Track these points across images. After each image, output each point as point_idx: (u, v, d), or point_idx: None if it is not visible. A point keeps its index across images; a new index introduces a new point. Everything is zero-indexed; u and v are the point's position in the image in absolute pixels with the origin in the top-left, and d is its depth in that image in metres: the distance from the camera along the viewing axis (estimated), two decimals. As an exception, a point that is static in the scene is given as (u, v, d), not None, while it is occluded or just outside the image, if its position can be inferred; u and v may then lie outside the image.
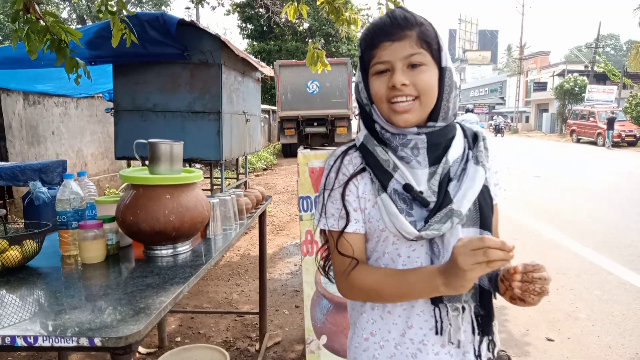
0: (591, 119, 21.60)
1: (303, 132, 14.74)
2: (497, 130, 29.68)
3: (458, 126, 1.04)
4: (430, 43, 0.94)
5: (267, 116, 17.51)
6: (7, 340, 0.97)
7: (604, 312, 3.43)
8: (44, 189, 4.74)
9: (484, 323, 0.99)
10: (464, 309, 0.97)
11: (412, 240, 0.95)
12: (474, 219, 0.98)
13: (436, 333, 0.98)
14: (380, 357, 1.02)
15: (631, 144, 19.85)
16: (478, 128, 1.07)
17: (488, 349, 1.00)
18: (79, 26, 6.98)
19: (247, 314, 3.36)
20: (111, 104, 6.39)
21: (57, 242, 1.64)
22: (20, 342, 0.97)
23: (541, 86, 36.62)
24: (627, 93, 24.89)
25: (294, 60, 16.48)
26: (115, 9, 2.68)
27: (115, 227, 1.56)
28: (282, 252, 5.02)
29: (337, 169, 1.03)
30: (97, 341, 0.96)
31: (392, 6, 4.01)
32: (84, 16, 28.36)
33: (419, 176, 0.98)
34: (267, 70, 6.13)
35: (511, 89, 43.47)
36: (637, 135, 19.99)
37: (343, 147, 1.07)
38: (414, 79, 0.93)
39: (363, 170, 1.01)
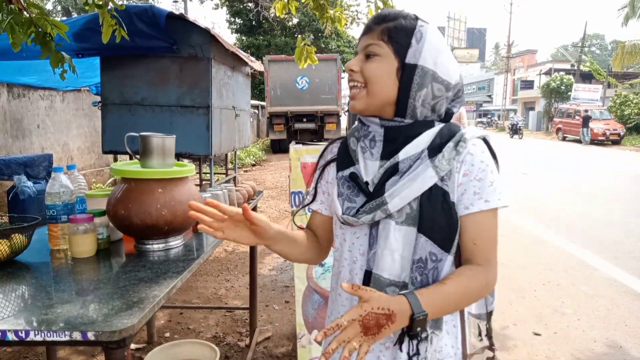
0: (577, 117, 21.88)
1: (292, 128, 14.71)
2: (515, 131, 25.49)
3: (438, 126, 0.99)
4: (393, 37, 0.96)
5: (256, 111, 17.43)
6: (-2, 335, 0.95)
7: (590, 307, 3.48)
8: (29, 183, 4.66)
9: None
10: None
11: (343, 223, 1.03)
12: (413, 219, 0.95)
13: None
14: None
15: (615, 142, 20.17)
16: (465, 131, 0.98)
17: (410, 353, 0.95)
18: (65, 18, 6.87)
19: (237, 309, 3.35)
20: (98, 98, 6.31)
21: (45, 237, 1.61)
22: (11, 337, 0.95)
23: (528, 84, 37.02)
24: (612, 92, 25.26)
25: (283, 56, 16.42)
26: (102, 2, 2.64)
27: (106, 221, 1.54)
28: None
29: (321, 155, 1.18)
30: (91, 335, 0.95)
31: (380, 4, 4.01)
32: (70, 8, 27.90)
33: (369, 168, 1.01)
34: (257, 65, 6.10)
35: (498, 87, 43.83)
36: (621, 133, 20.32)
37: (336, 138, 1.18)
38: (364, 67, 0.98)
39: (334, 159, 1.11)
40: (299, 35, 9.49)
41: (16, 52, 2.80)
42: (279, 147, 15.67)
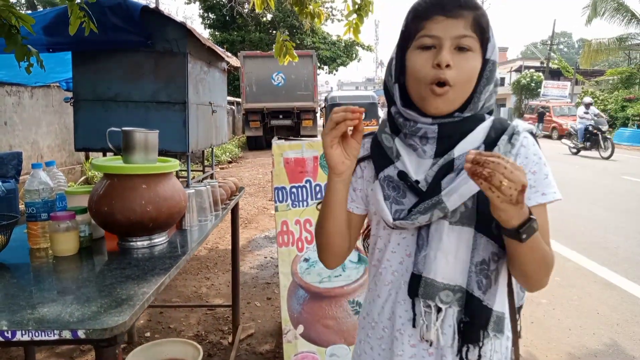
0: (546, 113, 22.46)
1: (268, 125, 14.63)
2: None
3: (489, 119, 0.95)
4: (484, 30, 0.89)
5: (233, 107, 17.27)
6: (-18, 336, 0.92)
7: (564, 297, 3.59)
8: (-2, 182, 4.50)
9: (466, 330, 0.92)
10: (439, 309, 0.91)
11: (392, 228, 0.95)
12: (469, 218, 0.90)
13: (413, 326, 0.95)
14: (372, 336, 1.04)
15: (583, 137, 20.79)
16: (517, 124, 0.96)
17: (468, 357, 0.92)
18: (32, 11, 6.65)
19: (219, 306, 3.32)
20: (69, 94, 6.13)
21: (22, 236, 1.57)
22: (-4, 337, 0.92)
23: (499, 81, 37.76)
24: (580, 89, 26.04)
25: (258, 52, 16.31)
26: (73, -5, 2.56)
27: (88, 219, 1.51)
28: (252, 245, 4.99)
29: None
30: (81, 333, 0.93)
31: (358, 0, 4.02)
32: (35, 1, 26.99)
33: (421, 165, 0.94)
34: (234, 61, 6.04)
35: (471, 83, 44.61)
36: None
37: (366, 133, 1.07)
38: (459, 63, 0.87)
39: (369, 156, 1.03)
40: (277, 31, 9.42)
41: (-21, 46, 2.68)
42: (255, 144, 15.56)
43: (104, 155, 6.19)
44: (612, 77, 23.29)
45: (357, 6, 3.83)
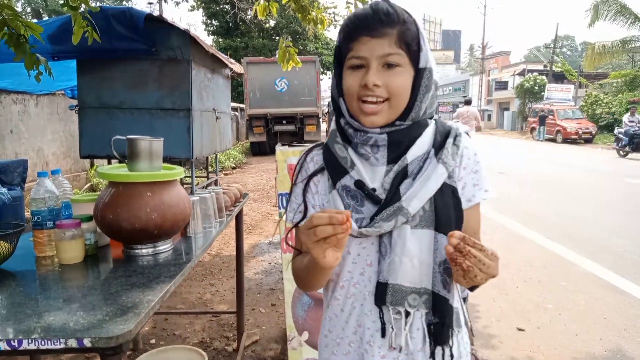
0: (550, 117, 22.41)
1: (272, 131, 14.66)
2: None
3: (432, 123, 1.00)
4: (410, 44, 0.91)
5: (237, 114, 17.32)
6: (-11, 345, 0.92)
7: (570, 302, 3.57)
8: (4, 190, 4.54)
9: (437, 332, 0.94)
10: (407, 313, 0.93)
11: (356, 236, 0.95)
12: (429, 220, 0.93)
13: (382, 336, 0.95)
14: (337, 353, 1.03)
15: (588, 141, 20.71)
16: (455, 126, 1.02)
17: (443, 358, 0.95)
18: (40, 20, 6.69)
19: (224, 313, 3.32)
20: (74, 101, 6.16)
21: (28, 244, 1.57)
22: (2, 346, 0.92)
23: (502, 85, 37.73)
24: (583, 92, 25.97)
25: (261, 58, 16.36)
26: (76, 4, 2.59)
27: (93, 227, 1.51)
28: (256, 251, 4.99)
29: (301, 166, 1.06)
30: (87, 342, 0.93)
31: (360, 5, 4.04)
32: (40, 10, 27.25)
33: (375, 173, 0.96)
34: (238, 67, 6.05)
35: (474, 87, 44.59)
36: (593, 132, 20.89)
37: (311, 145, 1.09)
38: (387, 80, 0.90)
39: (323, 168, 1.01)
40: (280, 37, 9.46)
41: (-13, 55, 2.71)
42: (258, 150, 15.59)
43: (109, 162, 6.20)
44: (616, 79, 23.22)
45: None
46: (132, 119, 4.57)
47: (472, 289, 0.95)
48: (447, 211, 0.93)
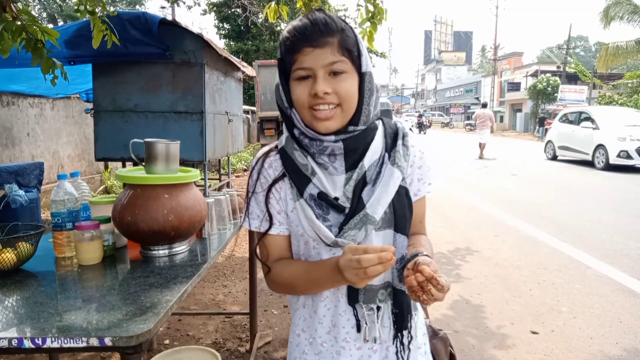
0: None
1: (283, 133, 14.70)
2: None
3: (380, 125, 1.04)
4: (350, 50, 0.94)
5: (248, 116, 17.43)
6: (14, 343, 0.95)
7: (585, 305, 3.53)
8: (21, 192, 4.63)
9: (399, 320, 1.02)
10: (379, 308, 1.01)
11: (330, 245, 0.97)
12: (389, 222, 0.99)
13: (357, 331, 1.02)
14: (309, 353, 1.08)
15: (602, 143, 20.46)
16: (400, 124, 1.06)
17: (402, 343, 1.04)
18: (56, 25, 6.84)
19: (237, 314, 3.35)
20: (89, 105, 6.26)
21: (47, 245, 1.61)
22: (27, 344, 0.95)
23: (515, 86, 37.44)
24: (597, 93, 25.65)
25: (273, 61, 16.41)
26: (95, 9, 2.64)
27: (112, 228, 1.54)
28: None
29: (259, 172, 1.05)
30: (108, 341, 0.95)
31: (371, 8, 4.04)
32: (55, 15, 27.68)
33: (335, 182, 0.98)
34: (249, 71, 6.11)
35: (486, 89, 44.31)
36: (607, 133, 20.62)
37: (265, 149, 1.08)
38: (336, 87, 0.92)
39: (285, 175, 1.02)
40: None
41: (6, 59, 2.77)
42: (269, 152, 15.65)
43: (124, 165, 6.30)
44: (630, 80, 22.88)
45: (370, 14, 3.85)
46: (146, 122, 4.66)
47: None
48: (403, 212, 1.00)
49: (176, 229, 1.48)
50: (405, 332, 1.03)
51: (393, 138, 1.03)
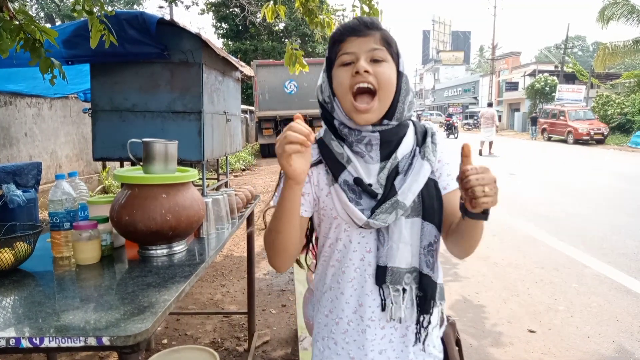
0: (561, 117, 22.22)
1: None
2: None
3: (411, 123, 1.13)
4: (391, 45, 1.05)
5: (246, 116, 17.42)
6: (12, 342, 0.95)
7: (582, 304, 3.55)
8: (19, 192, 4.62)
9: (422, 303, 1.09)
10: (404, 290, 1.07)
11: (361, 227, 1.06)
12: (417, 210, 1.07)
13: (382, 310, 1.08)
14: (335, 331, 1.15)
15: (599, 142, 20.51)
16: (428, 125, 1.15)
17: (423, 325, 1.10)
18: (54, 25, 6.83)
19: (235, 314, 3.35)
20: (86, 104, 6.24)
21: (45, 245, 1.61)
22: (25, 344, 0.95)
23: (513, 86, 37.45)
24: (595, 92, 25.70)
25: (271, 60, 16.43)
26: (92, 8, 2.63)
27: (109, 228, 1.54)
28: (265, 252, 5.01)
29: None
30: (105, 340, 0.95)
31: (366, 8, 4.05)
32: (53, 15, 27.61)
33: (370, 170, 1.07)
34: (248, 70, 6.10)
35: (484, 88, 44.30)
36: (605, 133, 20.67)
37: None
38: (376, 71, 1.01)
39: (320, 162, 1.10)
40: (287, 40, 9.50)
41: (4, 59, 2.77)
42: (268, 152, 15.65)
43: (121, 165, 6.29)
44: (628, 79, 22.93)
45: (365, 15, 3.87)
46: (144, 122, 4.65)
47: (485, 215, 0.97)
48: (431, 202, 1.07)
49: (174, 228, 1.48)
50: (426, 316, 1.09)
51: (423, 136, 1.12)
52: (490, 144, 15.69)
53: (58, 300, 1.18)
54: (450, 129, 25.61)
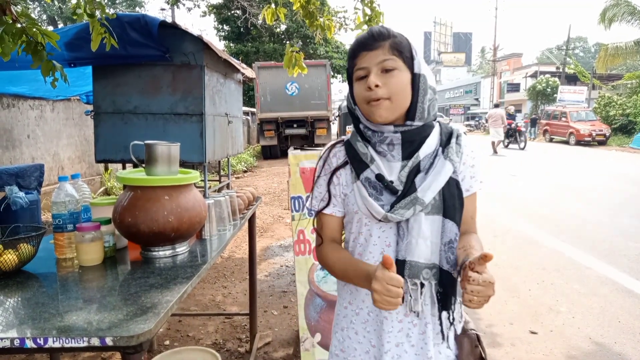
0: (563, 118, 22.19)
1: (283, 134, 14.73)
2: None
3: (437, 125, 1.17)
4: (402, 51, 1.08)
5: (248, 117, 17.45)
6: (16, 343, 0.96)
7: (584, 305, 3.54)
8: (22, 194, 4.64)
9: (442, 299, 1.11)
10: (422, 284, 1.10)
11: (381, 221, 1.11)
12: (438, 208, 1.10)
13: (401, 302, 1.08)
14: (355, 322, 1.20)
15: (601, 143, 20.45)
16: (455, 126, 1.19)
17: (447, 321, 1.13)
18: (56, 27, 6.86)
19: (237, 315, 3.36)
20: (89, 107, 6.26)
21: (48, 246, 1.62)
22: (29, 344, 0.96)
23: (514, 87, 37.47)
24: (597, 94, 25.66)
25: (272, 62, 16.46)
26: (94, 11, 2.65)
27: (112, 229, 1.55)
28: (267, 254, 5.02)
29: (325, 160, 1.23)
30: (109, 341, 0.96)
31: (368, 11, 4.06)
32: (55, 17, 27.70)
33: (392, 168, 1.12)
34: (249, 72, 6.12)
35: (485, 90, 44.31)
36: (607, 134, 20.63)
37: (333, 142, 1.26)
38: (386, 81, 1.06)
39: (346, 163, 1.18)
40: (288, 42, 9.53)
41: (7, 62, 2.79)
42: (269, 153, 15.67)
43: (124, 167, 6.31)
44: (630, 81, 22.90)
45: (367, 17, 3.89)
46: (146, 124, 4.67)
47: None
48: (452, 201, 1.10)
49: (176, 230, 1.49)
50: (446, 313, 1.11)
51: (448, 137, 1.15)
52: (498, 143, 16.28)
53: (61, 301, 1.19)
54: (512, 135, 18.37)
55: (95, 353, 2.79)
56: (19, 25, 2.33)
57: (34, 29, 2.38)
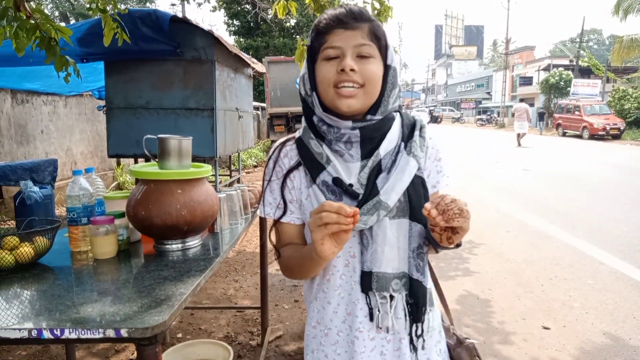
0: (577, 112, 21.89)
1: (293, 129, 14.74)
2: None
3: (397, 116, 1.06)
4: (380, 39, 0.98)
5: (258, 112, 17.49)
6: (34, 334, 0.97)
7: (598, 301, 3.51)
8: (36, 189, 4.70)
9: (414, 311, 1.02)
10: (392, 297, 1.00)
11: None
12: (404, 210, 0.99)
13: (370, 320, 1.02)
14: (325, 343, 1.08)
15: (615, 137, 20.15)
16: (417, 116, 1.08)
17: (417, 334, 1.03)
18: (68, 23, 6.93)
19: (248, 308, 3.38)
20: (101, 102, 6.32)
21: (63, 239, 1.64)
22: (47, 335, 0.97)
23: (527, 81, 36.99)
24: (611, 87, 25.27)
25: (282, 57, 16.44)
26: (106, 7, 2.66)
27: (126, 223, 1.57)
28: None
29: (275, 161, 1.09)
30: (124, 332, 0.97)
31: (376, 4, 4.03)
32: (67, 13, 27.93)
33: (350, 169, 1.00)
34: (259, 67, 6.13)
35: (497, 83, 43.85)
36: (621, 128, 20.32)
37: (282, 139, 1.12)
38: (362, 68, 0.95)
39: (300, 164, 1.05)
40: (298, 37, 9.51)
41: (21, 57, 2.82)
42: (279, 148, 15.70)
43: (136, 161, 6.36)
44: (645, 74, 22.52)
45: (376, 11, 3.86)
46: (158, 119, 4.70)
47: (456, 245, 0.99)
48: (419, 201, 1.00)
49: (189, 223, 1.50)
50: (419, 325, 1.02)
51: (410, 129, 1.05)
52: (522, 135, 17.27)
53: (76, 293, 1.21)
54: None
55: (109, 345, 2.83)
56: (32, 21, 2.35)
57: (48, 25, 2.40)
